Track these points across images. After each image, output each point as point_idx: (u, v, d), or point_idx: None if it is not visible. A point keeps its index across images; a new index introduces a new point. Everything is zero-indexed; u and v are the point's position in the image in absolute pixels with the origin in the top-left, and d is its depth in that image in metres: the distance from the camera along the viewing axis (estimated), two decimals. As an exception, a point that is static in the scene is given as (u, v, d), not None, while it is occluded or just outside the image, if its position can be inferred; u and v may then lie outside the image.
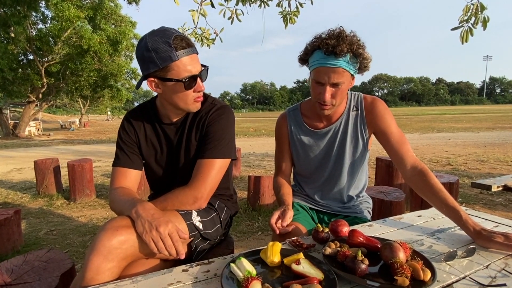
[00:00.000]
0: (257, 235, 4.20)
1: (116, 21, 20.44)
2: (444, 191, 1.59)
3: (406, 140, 1.85)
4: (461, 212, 1.49)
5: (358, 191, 2.09)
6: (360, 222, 1.90)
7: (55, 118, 51.86)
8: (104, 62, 19.71)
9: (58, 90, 21.91)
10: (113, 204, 1.58)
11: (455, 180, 3.95)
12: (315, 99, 1.79)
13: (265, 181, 5.08)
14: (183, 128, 1.76)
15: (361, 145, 1.95)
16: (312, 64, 1.75)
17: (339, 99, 1.77)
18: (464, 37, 3.34)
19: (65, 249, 3.79)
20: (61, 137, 23.01)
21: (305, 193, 2.15)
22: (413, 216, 1.86)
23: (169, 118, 1.76)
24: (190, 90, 1.56)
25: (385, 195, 3.39)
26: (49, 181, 6.26)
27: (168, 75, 1.50)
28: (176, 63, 1.48)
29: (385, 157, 5.36)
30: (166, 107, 1.71)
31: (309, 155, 2.01)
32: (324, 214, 2.10)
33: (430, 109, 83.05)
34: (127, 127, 1.80)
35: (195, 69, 1.53)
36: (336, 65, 1.65)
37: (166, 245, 1.27)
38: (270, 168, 8.87)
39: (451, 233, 1.57)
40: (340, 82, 1.69)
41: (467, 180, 6.87)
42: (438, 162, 9.19)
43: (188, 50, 1.50)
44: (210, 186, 1.62)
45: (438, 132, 20.00)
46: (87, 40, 17.11)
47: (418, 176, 1.70)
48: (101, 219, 4.94)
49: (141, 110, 1.83)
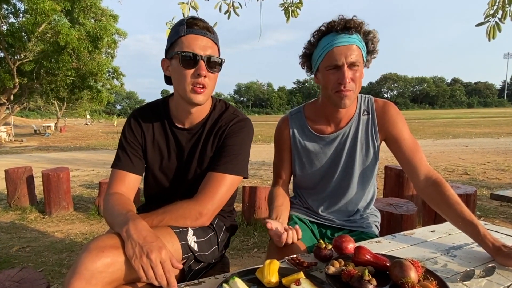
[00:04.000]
0: (252, 253, 4.19)
1: (96, 14, 20.43)
2: (461, 204, 1.60)
3: (419, 148, 1.85)
4: (479, 226, 1.50)
5: (366, 204, 2.08)
6: (367, 237, 1.90)
7: (28, 123, 51.72)
8: (83, 60, 19.63)
9: (31, 91, 21.83)
10: (105, 212, 1.57)
11: (473, 191, 3.96)
12: (333, 90, 1.75)
13: (262, 193, 5.08)
14: (199, 136, 1.76)
15: (372, 153, 1.94)
16: (321, 53, 1.75)
17: (358, 86, 1.76)
18: (491, 33, 3.30)
19: (39, 268, 3.77)
20: (35, 144, 22.94)
21: (306, 205, 2.13)
22: (426, 231, 1.86)
23: (182, 121, 1.76)
24: (188, 70, 1.56)
25: (395, 207, 3.39)
26: (21, 192, 6.22)
27: (174, 50, 1.56)
28: (181, 38, 1.54)
29: (394, 166, 5.37)
30: (179, 104, 1.71)
31: (314, 163, 2.00)
32: (327, 228, 2.09)
33: (445, 112, 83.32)
34: (134, 126, 1.79)
35: (200, 50, 1.54)
36: (350, 42, 1.68)
37: (157, 274, 1.23)
38: (267, 178, 8.87)
39: (468, 250, 1.57)
40: (357, 61, 1.69)
41: (486, 191, 6.89)
42: (453, 171, 9.22)
43: (200, 30, 1.54)
44: (217, 203, 1.61)
45: (453, 138, 20.07)
46: (64, 36, 17.04)
47: (432, 187, 1.72)
48: (80, 235, 4.92)
49: (152, 109, 1.83)
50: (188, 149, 1.77)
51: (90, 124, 56.40)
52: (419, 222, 4.45)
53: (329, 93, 1.78)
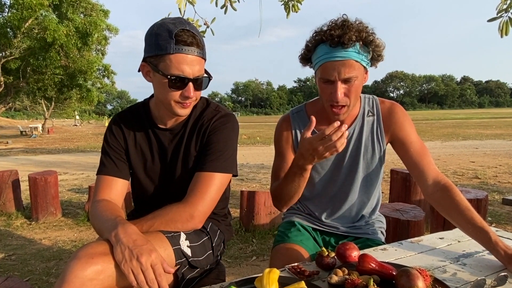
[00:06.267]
0: (251, 261, 4.19)
1: (85, 9, 20.46)
2: (471, 209, 1.60)
3: (427, 151, 1.86)
4: (491, 233, 1.50)
5: (371, 209, 2.08)
6: (373, 245, 1.89)
7: (14, 123, 51.68)
8: (71, 58, 19.66)
9: (17, 90, 21.87)
10: (93, 220, 1.57)
11: (484, 196, 3.97)
12: (327, 102, 1.75)
13: (261, 197, 5.07)
14: (182, 135, 1.77)
15: (377, 156, 1.95)
16: (316, 61, 1.73)
17: (354, 98, 1.74)
18: (503, 29, 3.31)
19: (25, 277, 3.76)
20: (21, 146, 22.89)
21: (308, 211, 2.13)
22: (434, 239, 1.86)
23: (164, 122, 1.77)
24: (176, 91, 1.56)
25: (401, 213, 3.40)
26: (6, 197, 6.20)
27: (159, 65, 1.53)
28: (170, 56, 1.50)
29: (401, 169, 5.37)
30: (160, 107, 1.72)
31: (316, 166, 1.98)
32: (330, 235, 2.09)
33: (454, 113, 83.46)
34: (115, 130, 1.80)
35: (189, 71, 1.53)
36: (345, 57, 1.63)
37: (147, 278, 1.23)
38: (266, 182, 8.88)
39: (478, 258, 1.57)
40: (353, 76, 1.66)
41: (498, 196, 6.89)
42: (463, 175, 9.24)
43: (189, 48, 1.51)
44: (208, 204, 1.61)
45: (463, 139, 20.11)
46: (52, 31, 17.07)
47: (441, 192, 1.72)
48: (68, 242, 4.91)
49: (132, 112, 1.84)
50: (171, 149, 1.78)
51: (79, 125, 56.41)
52: (427, 229, 4.45)
53: (324, 104, 1.79)
